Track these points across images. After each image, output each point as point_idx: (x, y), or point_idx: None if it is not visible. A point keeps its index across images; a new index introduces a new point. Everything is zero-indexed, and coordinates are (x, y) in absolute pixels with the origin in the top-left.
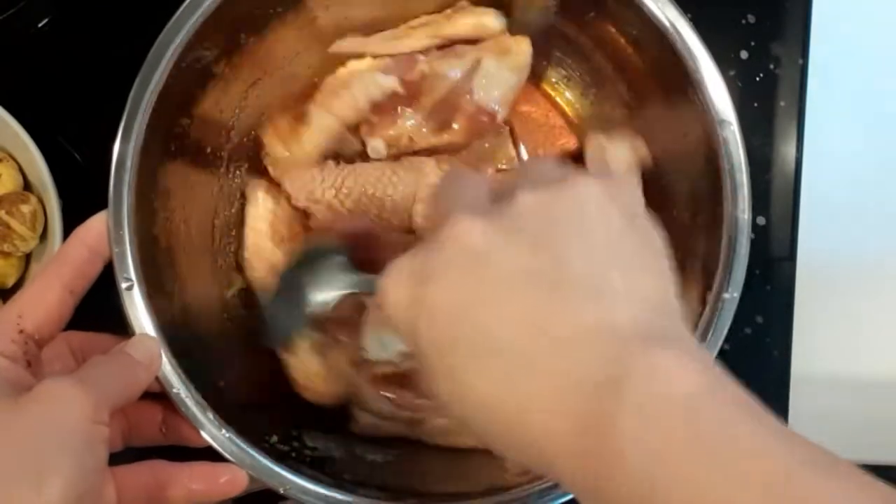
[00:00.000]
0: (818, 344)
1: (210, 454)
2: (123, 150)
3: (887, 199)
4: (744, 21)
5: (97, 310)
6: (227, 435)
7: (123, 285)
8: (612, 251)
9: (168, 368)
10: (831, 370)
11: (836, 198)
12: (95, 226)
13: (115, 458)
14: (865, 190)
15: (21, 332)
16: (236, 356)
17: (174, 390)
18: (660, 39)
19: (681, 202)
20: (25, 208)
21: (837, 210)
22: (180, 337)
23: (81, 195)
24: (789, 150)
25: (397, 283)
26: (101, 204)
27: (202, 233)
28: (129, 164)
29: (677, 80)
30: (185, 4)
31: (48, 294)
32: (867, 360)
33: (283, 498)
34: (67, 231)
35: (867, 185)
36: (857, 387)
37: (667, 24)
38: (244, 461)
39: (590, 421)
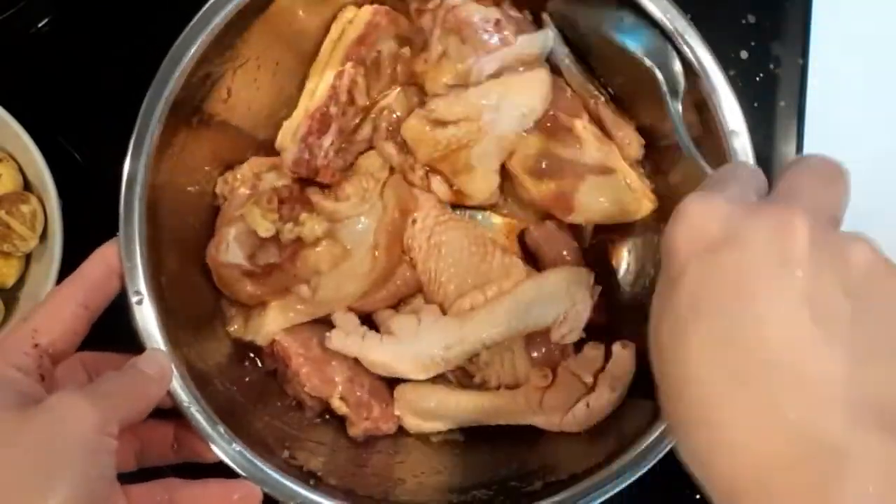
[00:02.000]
0: None
1: (222, 469)
2: (134, 165)
3: (887, 199)
4: (744, 21)
5: (109, 325)
6: (238, 449)
7: (134, 299)
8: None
9: (179, 382)
10: None
11: None
12: (115, 245)
13: (129, 478)
14: (865, 190)
15: (35, 346)
16: (248, 369)
17: (185, 404)
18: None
19: None
20: (25, 208)
21: None
22: (192, 351)
23: (81, 195)
24: (789, 150)
25: (707, 219)
26: (101, 204)
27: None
28: (139, 178)
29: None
30: (196, 18)
31: (63, 309)
32: None
33: None
34: (67, 231)
35: (867, 185)
36: None
37: (676, 34)
38: (255, 475)
39: (801, 476)
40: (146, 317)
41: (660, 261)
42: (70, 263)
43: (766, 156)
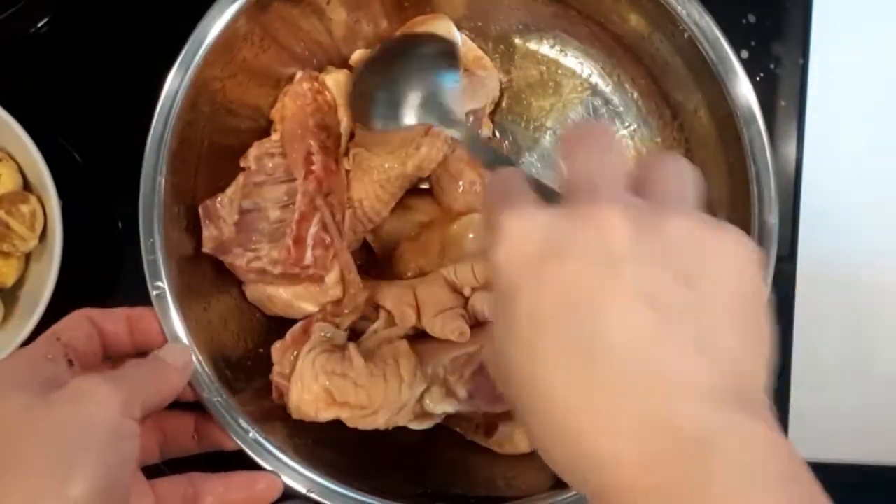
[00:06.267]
0: (818, 344)
1: (240, 458)
2: (154, 158)
3: (887, 198)
4: (744, 21)
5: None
6: (255, 437)
7: (154, 292)
8: (741, 312)
9: (199, 372)
10: (831, 370)
11: (836, 198)
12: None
13: (153, 472)
14: (866, 190)
15: (58, 339)
16: (266, 359)
17: (205, 394)
18: (683, 38)
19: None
20: (25, 208)
21: (837, 210)
22: (212, 342)
23: (81, 195)
24: (789, 150)
25: (525, 236)
26: (101, 204)
27: None
28: (159, 172)
29: (702, 79)
30: None
31: (83, 323)
32: (867, 359)
33: (289, 497)
34: (67, 231)
35: (867, 185)
36: (857, 387)
37: (690, 22)
38: (271, 463)
39: (669, 473)
40: (167, 309)
41: None
42: (69, 263)
43: None
